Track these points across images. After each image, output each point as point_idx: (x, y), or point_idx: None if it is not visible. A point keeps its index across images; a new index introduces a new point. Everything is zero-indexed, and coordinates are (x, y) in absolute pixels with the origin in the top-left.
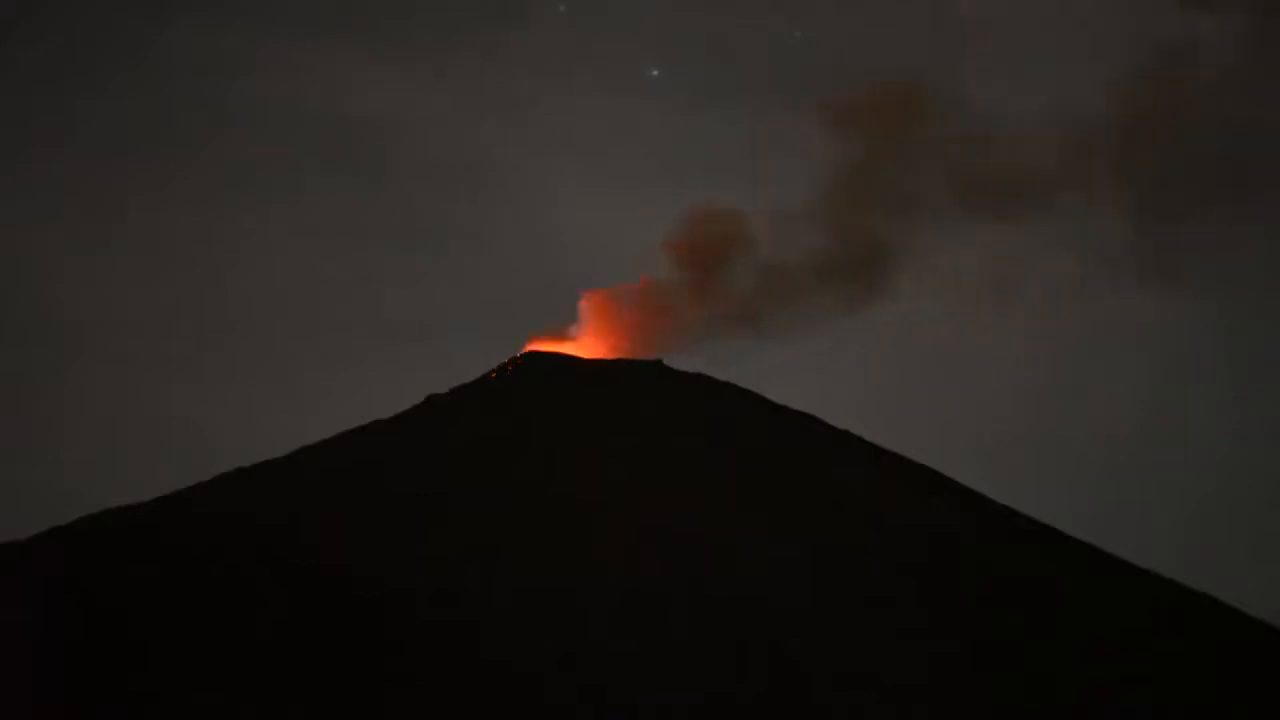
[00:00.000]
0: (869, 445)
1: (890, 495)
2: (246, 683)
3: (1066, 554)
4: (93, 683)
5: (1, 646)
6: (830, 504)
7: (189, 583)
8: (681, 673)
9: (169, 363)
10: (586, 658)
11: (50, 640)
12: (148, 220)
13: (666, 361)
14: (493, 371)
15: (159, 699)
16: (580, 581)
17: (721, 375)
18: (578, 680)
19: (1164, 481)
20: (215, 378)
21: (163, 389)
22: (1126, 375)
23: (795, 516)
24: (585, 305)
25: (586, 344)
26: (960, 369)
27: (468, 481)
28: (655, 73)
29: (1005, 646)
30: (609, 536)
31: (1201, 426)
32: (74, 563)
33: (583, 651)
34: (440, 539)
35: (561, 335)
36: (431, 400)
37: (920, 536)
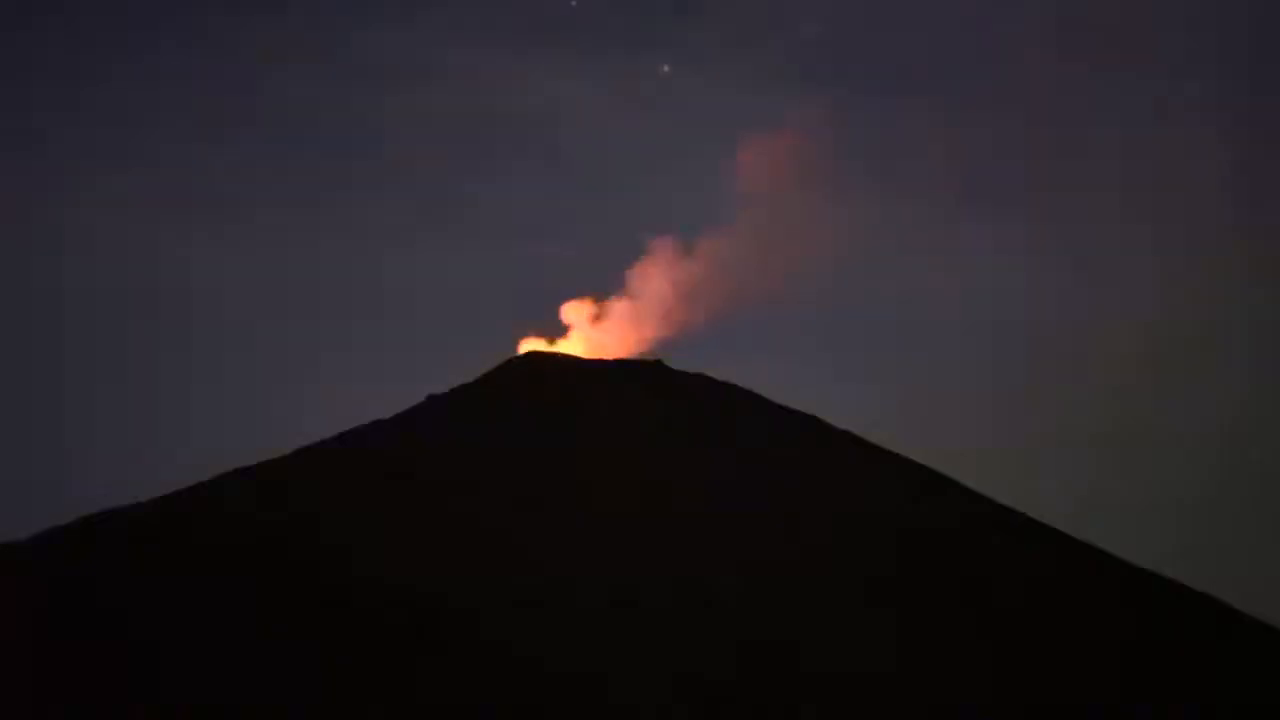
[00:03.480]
0: (869, 445)
1: (890, 495)
2: (247, 681)
3: (1066, 554)
4: (93, 683)
5: (1, 646)
6: (830, 504)
7: (188, 583)
8: (680, 671)
9: (169, 361)
10: (585, 653)
11: (50, 640)
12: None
13: (666, 362)
14: (493, 371)
15: (160, 699)
16: (579, 578)
17: (721, 375)
18: (576, 675)
19: (1163, 481)
20: (216, 377)
21: (163, 388)
22: (1126, 374)
23: (794, 516)
24: (656, 249)
25: (588, 342)
26: (960, 370)
27: (467, 480)
28: (666, 68)
29: (1005, 646)
30: (609, 536)
31: (1201, 425)
32: (74, 563)
33: (582, 647)
34: (440, 537)
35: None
36: (431, 400)
37: (920, 537)
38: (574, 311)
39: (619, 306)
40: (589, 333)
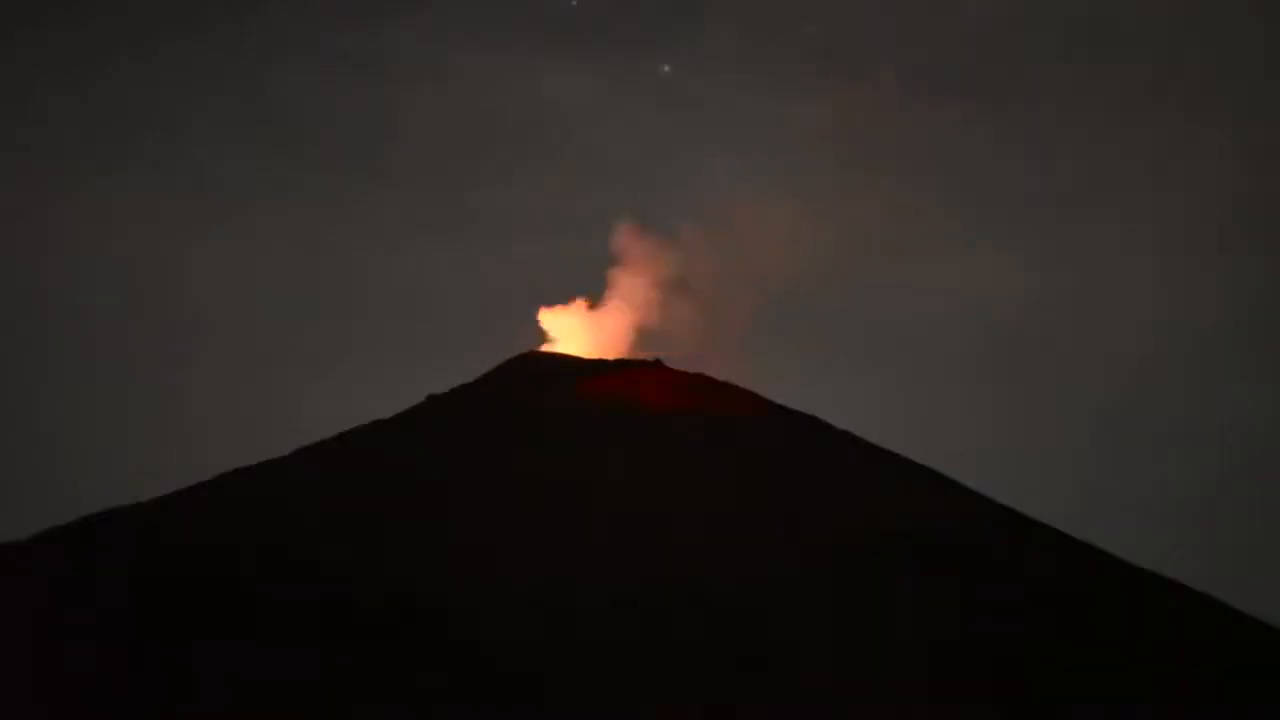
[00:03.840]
0: (869, 445)
1: (890, 496)
2: (247, 681)
3: (1067, 554)
4: (93, 683)
5: (1, 646)
6: (830, 504)
7: (188, 583)
8: (679, 672)
9: (169, 361)
10: (585, 652)
11: (50, 640)
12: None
13: (666, 362)
14: (493, 371)
15: (159, 700)
16: (579, 580)
17: (721, 375)
18: (576, 675)
19: (1163, 480)
20: (215, 376)
21: (164, 388)
22: (1127, 374)
23: (794, 517)
24: (657, 250)
25: (587, 342)
26: (960, 370)
27: (468, 481)
28: (666, 68)
29: (1005, 647)
30: (609, 536)
31: (1201, 425)
32: (74, 563)
33: (581, 646)
34: (440, 537)
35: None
36: (431, 400)
37: (920, 538)
38: (573, 311)
39: (619, 306)
40: (588, 333)
